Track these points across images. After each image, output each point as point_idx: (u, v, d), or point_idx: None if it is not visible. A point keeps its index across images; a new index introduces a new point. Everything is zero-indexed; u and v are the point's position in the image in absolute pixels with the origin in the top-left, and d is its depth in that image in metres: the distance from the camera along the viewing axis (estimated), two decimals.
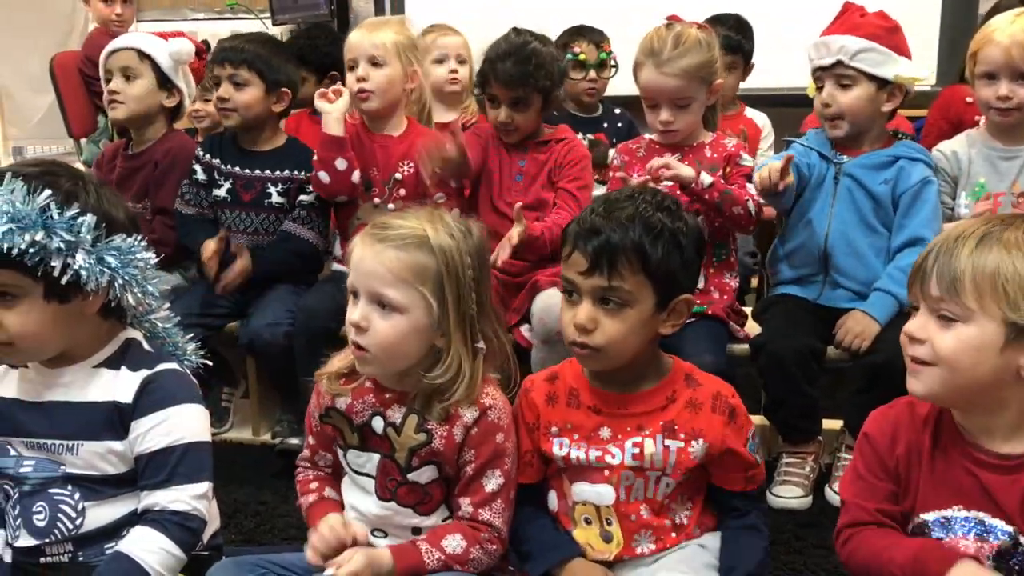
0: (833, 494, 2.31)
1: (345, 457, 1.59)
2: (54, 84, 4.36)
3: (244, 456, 2.69)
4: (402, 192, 2.63)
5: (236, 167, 2.73)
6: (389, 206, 2.59)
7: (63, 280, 1.42)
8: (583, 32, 3.34)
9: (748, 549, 1.58)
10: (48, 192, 1.41)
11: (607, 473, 1.55)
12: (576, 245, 1.50)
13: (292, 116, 3.08)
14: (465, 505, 1.53)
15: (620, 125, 3.38)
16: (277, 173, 2.71)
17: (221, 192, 2.73)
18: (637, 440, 1.54)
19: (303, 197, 2.70)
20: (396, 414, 1.52)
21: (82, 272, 1.42)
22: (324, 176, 2.56)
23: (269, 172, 2.71)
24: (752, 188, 2.38)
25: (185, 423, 1.53)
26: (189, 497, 1.50)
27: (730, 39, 3.07)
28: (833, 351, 2.30)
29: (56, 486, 1.53)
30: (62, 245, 1.40)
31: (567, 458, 1.57)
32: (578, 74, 3.23)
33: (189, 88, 2.93)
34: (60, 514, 1.52)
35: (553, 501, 1.63)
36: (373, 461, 1.54)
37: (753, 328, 2.42)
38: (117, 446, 1.52)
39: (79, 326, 1.50)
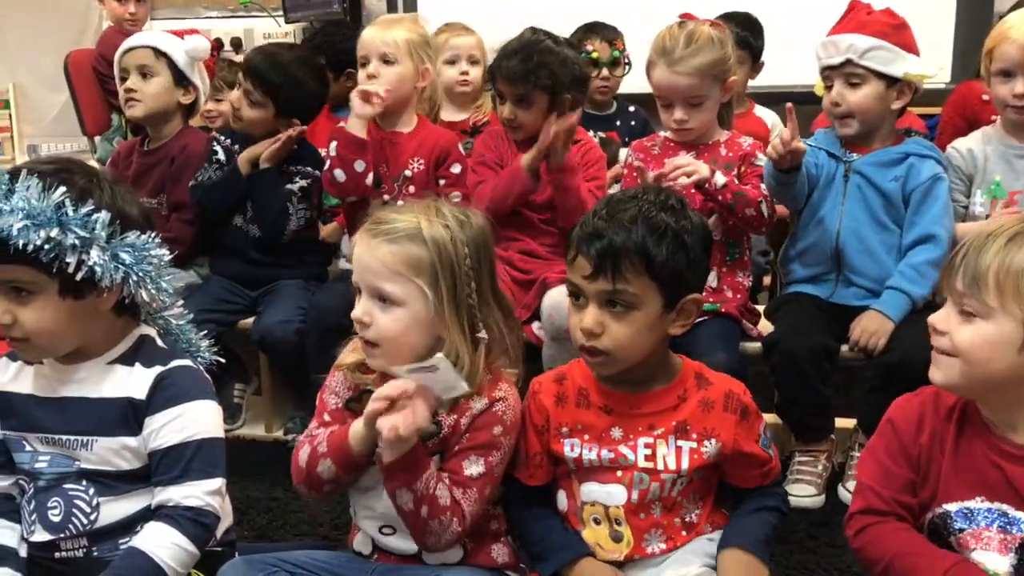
0: (847, 493, 2.30)
1: None
2: (68, 82, 4.38)
3: (256, 452, 2.70)
4: (411, 189, 2.63)
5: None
6: (399, 203, 2.59)
7: (78, 276, 1.42)
8: (596, 30, 3.34)
9: (751, 524, 1.57)
10: (63, 189, 1.42)
11: (620, 473, 1.55)
12: (579, 249, 1.49)
13: None
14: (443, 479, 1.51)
15: (634, 123, 3.37)
16: (288, 168, 2.75)
17: None
18: (649, 441, 1.53)
19: (288, 185, 2.72)
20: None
21: (96, 268, 1.43)
22: (340, 174, 2.55)
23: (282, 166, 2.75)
24: (765, 188, 2.37)
25: (199, 419, 1.54)
26: (203, 493, 1.51)
27: (737, 36, 3.06)
28: (846, 349, 2.29)
29: (71, 481, 1.53)
30: (77, 242, 1.41)
31: (579, 459, 1.56)
32: (591, 72, 3.23)
33: (204, 85, 2.94)
34: (75, 509, 1.53)
35: (562, 501, 1.62)
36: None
37: (766, 327, 2.41)
38: (131, 442, 1.52)
39: (94, 322, 1.51)
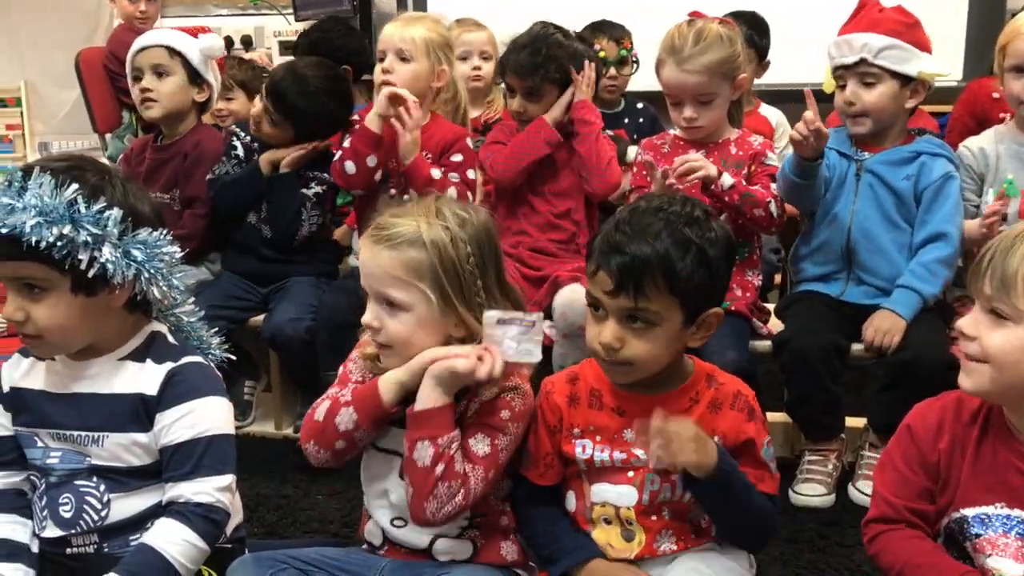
0: (857, 492, 2.30)
1: None
2: (79, 80, 4.40)
3: (266, 450, 2.70)
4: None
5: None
6: (404, 197, 2.59)
7: (90, 273, 1.43)
8: (603, 28, 3.34)
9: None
10: (75, 186, 1.42)
11: (631, 474, 1.55)
12: (601, 263, 1.46)
13: None
14: None
15: (642, 121, 3.38)
16: (305, 172, 2.76)
17: None
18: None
19: (303, 190, 2.73)
20: None
21: (109, 265, 1.43)
22: (351, 167, 2.53)
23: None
24: (775, 188, 2.37)
25: (209, 415, 1.54)
26: (213, 489, 1.51)
27: (743, 34, 3.05)
28: (857, 348, 2.29)
29: (82, 478, 1.54)
30: (89, 239, 1.41)
31: (590, 460, 1.56)
32: (602, 66, 3.23)
33: (217, 82, 2.95)
34: (86, 505, 1.53)
35: (571, 502, 1.62)
36: (400, 437, 1.54)
37: (776, 325, 2.41)
38: (142, 438, 1.53)
39: (105, 319, 1.51)
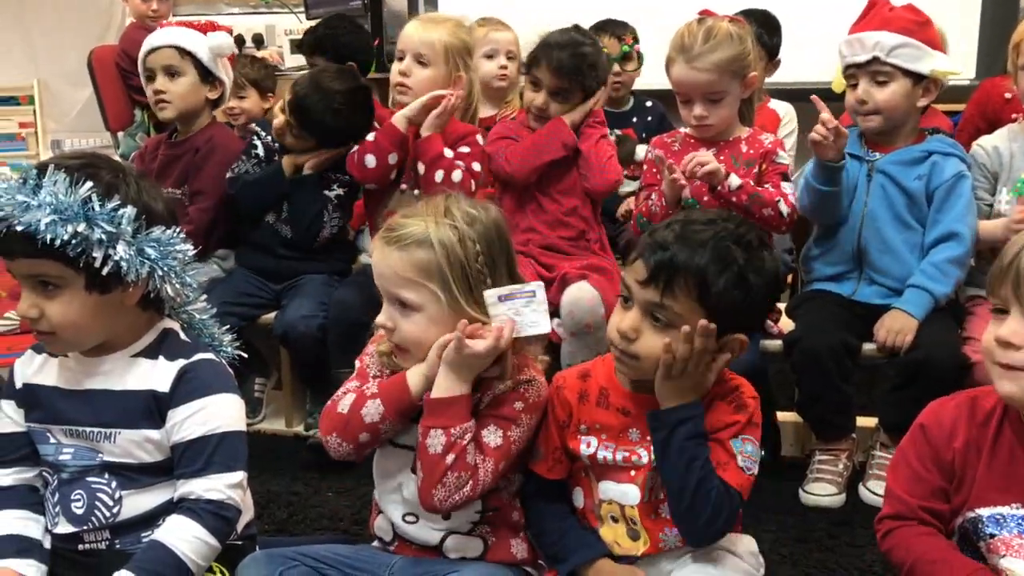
0: (868, 492, 2.30)
1: None
2: (92, 78, 4.42)
3: (277, 447, 2.71)
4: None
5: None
6: (415, 192, 2.61)
7: (104, 271, 1.43)
8: (605, 27, 3.35)
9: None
10: (90, 184, 1.43)
11: (633, 473, 1.55)
12: (641, 253, 1.47)
13: None
14: None
15: (650, 119, 3.38)
16: (327, 174, 2.77)
17: None
18: None
19: (325, 192, 2.74)
20: None
21: (122, 263, 1.44)
22: (371, 160, 2.55)
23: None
24: (787, 187, 2.36)
25: (221, 412, 1.55)
26: (224, 486, 1.52)
27: (753, 32, 3.05)
28: (868, 348, 2.28)
29: (94, 474, 1.54)
30: (103, 236, 1.42)
31: (593, 457, 1.56)
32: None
33: (229, 77, 2.96)
34: (98, 502, 1.54)
35: (579, 499, 1.62)
36: (414, 432, 1.54)
37: (787, 324, 2.40)
38: (154, 434, 1.53)
39: (119, 316, 1.52)
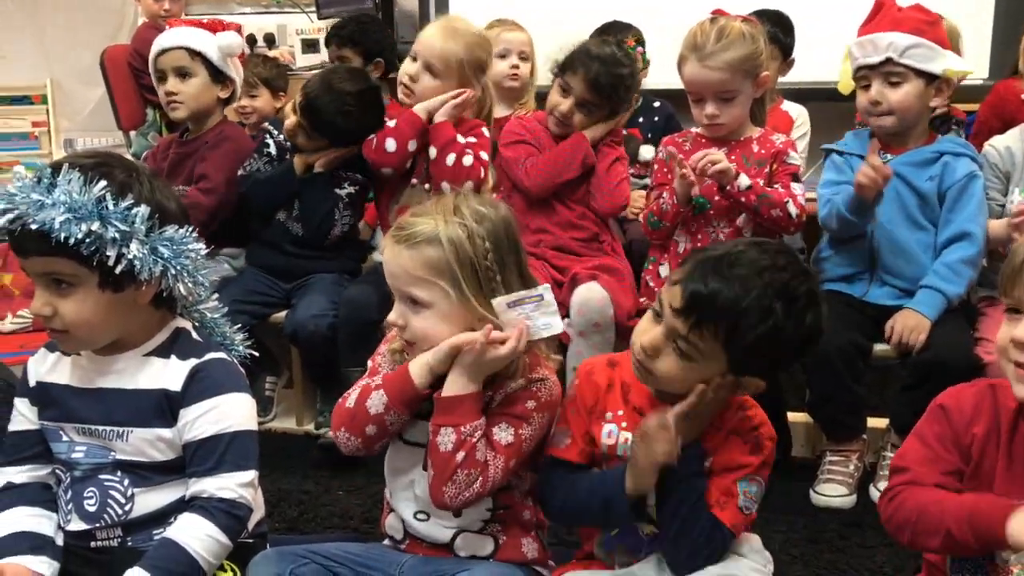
0: (878, 493, 2.28)
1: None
2: (104, 77, 4.43)
3: (287, 445, 2.72)
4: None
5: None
6: (425, 186, 2.64)
7: (117, 269, 1.44)
8: (608, 30, 3.34)
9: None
10: (103, 183, 1.43)
11: None
12: (683, 279, 1.42)
13: None
14: None
15: (657, 119, 3.37)
16: (338, 172, 2.77)
17: None
18: None
19: (337, 190, 2.74)
20: None
21: (136, 262, 1.44)
22: (392, 144, 2.57)
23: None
24: (797, 188, 2.36)
25: (233, 412, 1.55)
26: (236, 485, 1.52)
27: (767, 32, 3.04)
28: (880, 348, 2.28)
29: (106, 472, 1.55)
30: (117, 235, 1.42)
31: (613, 446, 1.56)
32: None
33: (239, 76, 2.97)
34: (110, 499, 1.55)
35: None
36: (426, 430, 1.54)
37: None
38: (166, 433, 1.54)
39: (132, 315, 1.53)
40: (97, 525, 1.55)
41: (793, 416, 2.54)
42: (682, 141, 2.51)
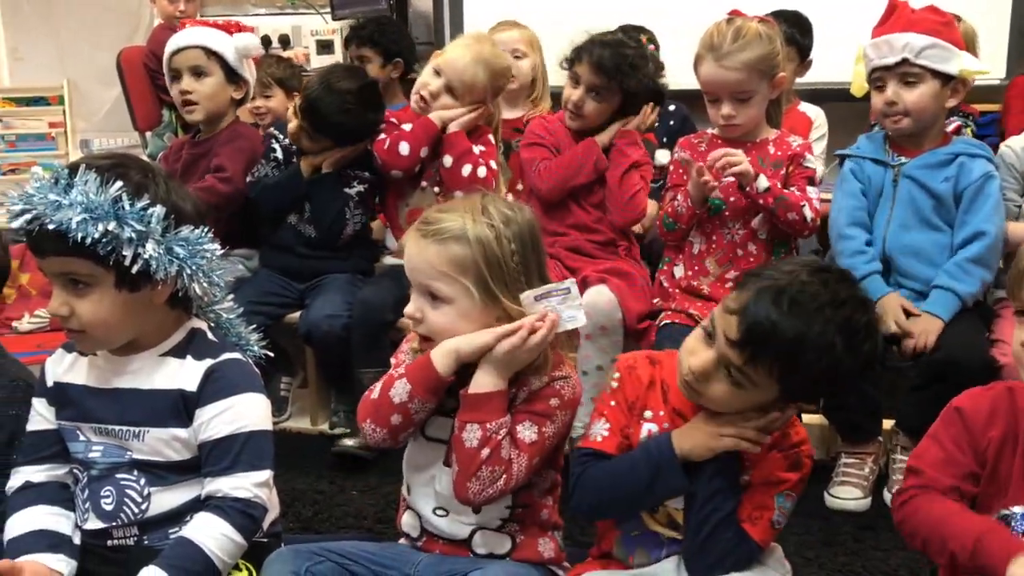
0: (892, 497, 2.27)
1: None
2: (120, 78, 4.46)
3: (302, 445, 2.73)
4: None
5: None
6: (435, 189, 2.65)
7: (133, 269, 1.44)
8: (622, 31, 3.33)
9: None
10: (120, 184, 1.44)
11: None
12: (741, 309, 1.38)
13: None
14: None
15: (673, 123, 3.36)
16: (346, 171, 2.77)
17: None
18: None
19: (346, 190, 2.74)
20: None
21: (152, 262, 1.45)
22: (405, 148, 2.59)
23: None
24: (812, 192, 2.35)
25: (248, 412, 1.55)
26: (251, 484, 1.53)
27: (784, 32, 3.03)
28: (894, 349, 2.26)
29: (123, 471, 1.56)
30: (133, 235, 1.43)
31: None
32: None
33: (253, 76, 2.98)
34: (126, 499, 1.55)
35: None
36: (447, 425, 1.55)
37: None
38: (181, 433, 1.54)
39: (148, 315, 1.53)
40: (114, 524, 1.56)
41: (808, 418, 2.52)
42: (698, 143, 2.51)
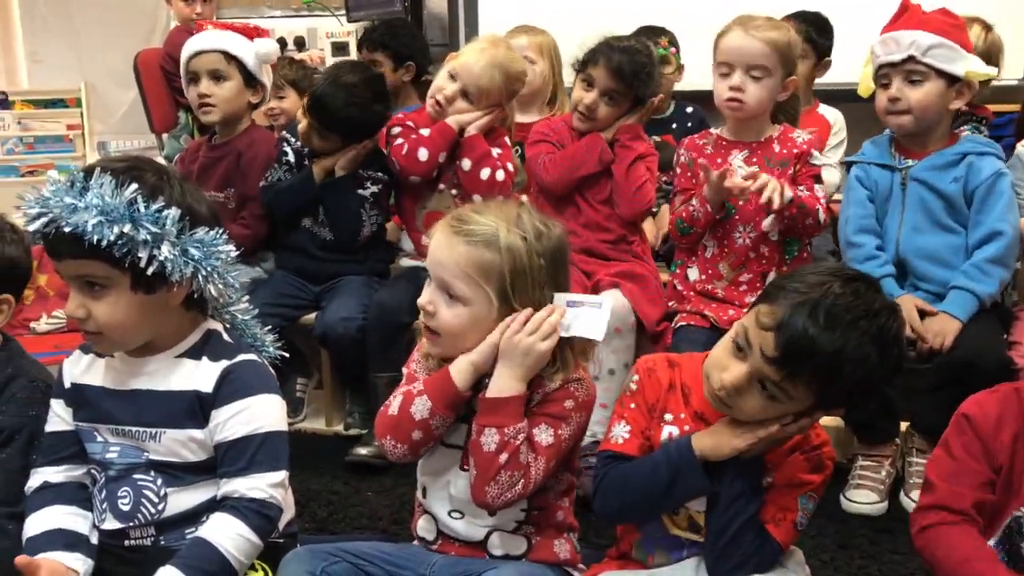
0: (909, 501, 2.26)
1: None
2: (137, 80, 4.48)
3: (317, 446, 2.73)
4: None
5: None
6: (452, 192, 2.65)
7: (149, 271, 1.45)
8: (642, 32, 3.33)
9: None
10: (135, 186, 1.45)
11: None
12: (779, 326, 1.36)
13: None
14: None
15: (690, 125, 3.35)
16: (360, 172, 2.76)
17: None
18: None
19: (360, 191, 2.74)
20: None
21: (167, 263, 1.46)
22: (424, 154, 2.59)
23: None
24: (819, 190, 2.34)
25: (263, 413, 1.56)
26: (267, 485, 1.53)
27: (799, 30, 3.03)
28: (912, 353, 2.25)
29: (140, 472, 1.57)
30: (148, 237, 1.44)
31: None
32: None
33: (269, 81, 2.98)
34: (143, 499, 1.56)
35: None
36: (462, 431, 1.55)
37: None
38: (198, 434, 1.55)
39: (164, 317, 1.54)
40: (131, 524, 1.57)
41: (824, 421, 2.50)
42: (703, 143, 2.50)
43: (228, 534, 1.50)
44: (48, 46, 5.87)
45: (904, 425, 2.40)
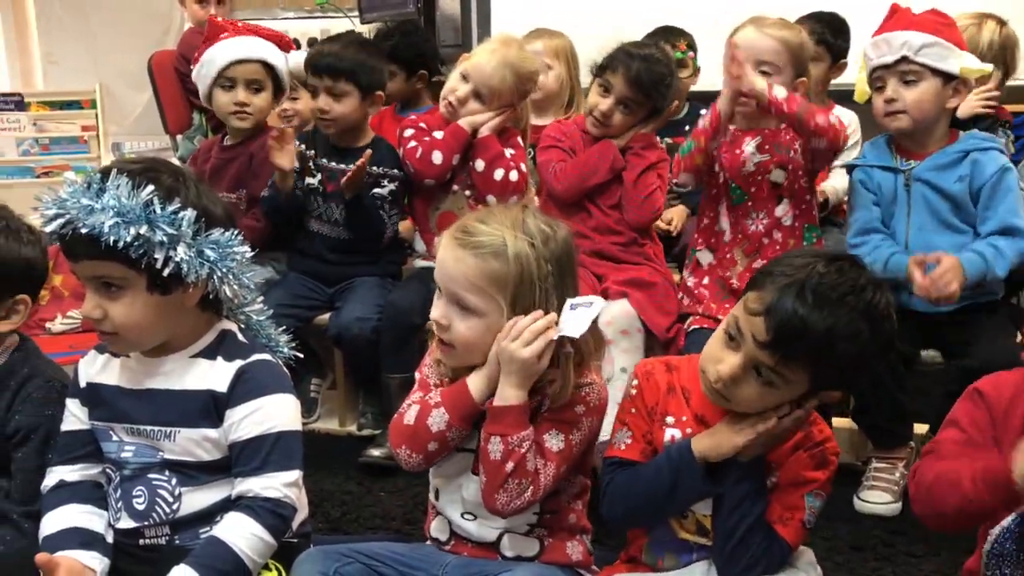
0: None
1: None
2: (152, 82, 4.49)
3: (331, 446, 2.74)
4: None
5: (332, 162, 2.77)
6: (466, 193, 2.65)
7: (165, 272, 1.46)
8: (659, 34, 3.32)
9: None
10: (151, 188, 1.46)
11: None
12: (768, 310, 1.38)
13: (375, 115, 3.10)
14: None
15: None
16: (373, 170, 2.73)
17: (314, 181, 2.77)
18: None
19: (377, 190, 2.73)
20: None
21: (183, 264, 1.47)
22: (438, 157, 2.60)
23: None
24: (833, 118, 2.29)
25: (277, 412, 1.57)
26: (280, 485, 1.54)
27: (813, 31, 3.02)
28: (924, 355, 2.24)
29: (154, 471, 1.58)
30: (164, 238, 1.45)
31: None
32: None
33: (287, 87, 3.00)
34: (158, 498, 1.57)
35: None
36: (474, 435, 1.55)
37: None
38: (212, 433, 1.56)
39: (179, 317, 1.55)
40: (145, 523, 1.58)
41: (837, 422, 2.50)
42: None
43: (242, 533, 1.51)
44: (63, 48, 5.91)
45: (921, 428, 2.39)
